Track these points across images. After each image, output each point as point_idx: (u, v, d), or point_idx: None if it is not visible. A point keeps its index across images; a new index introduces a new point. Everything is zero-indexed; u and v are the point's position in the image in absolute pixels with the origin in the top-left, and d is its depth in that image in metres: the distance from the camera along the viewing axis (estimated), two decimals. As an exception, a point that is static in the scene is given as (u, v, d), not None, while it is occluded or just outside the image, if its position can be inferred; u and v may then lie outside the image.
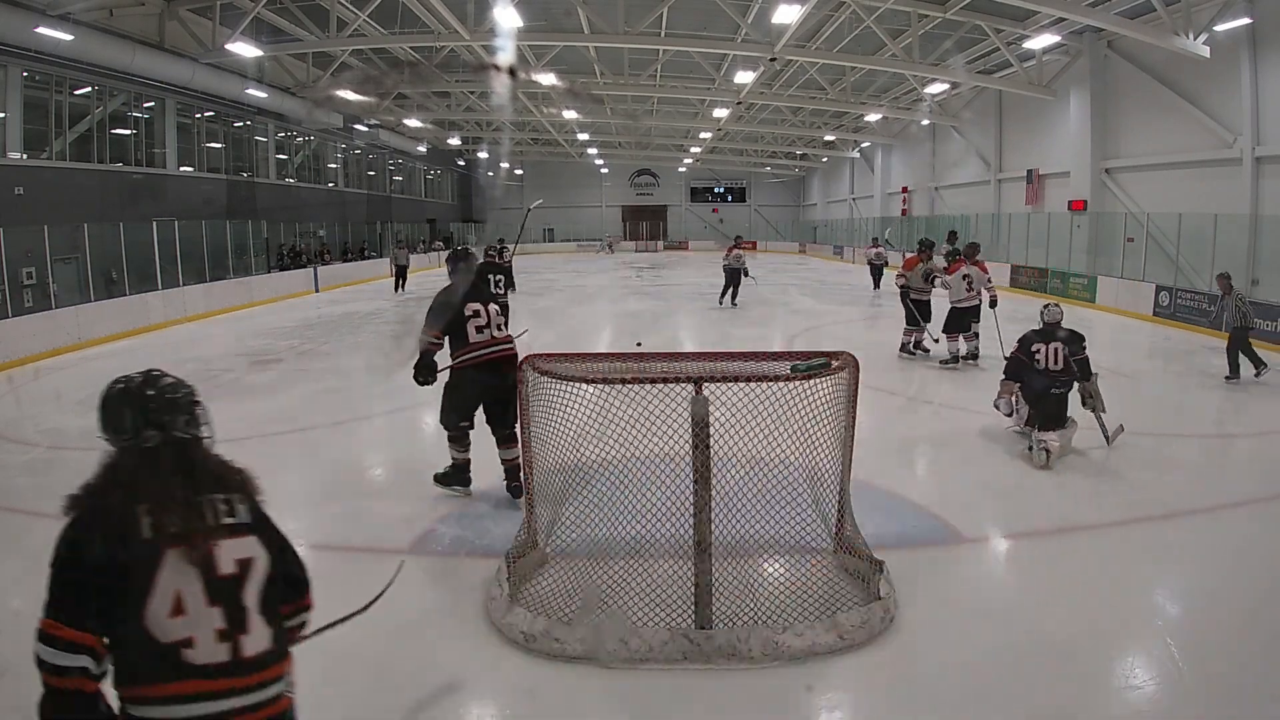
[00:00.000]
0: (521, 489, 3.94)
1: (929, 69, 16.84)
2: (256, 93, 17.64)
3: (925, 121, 22.85)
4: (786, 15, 12.78)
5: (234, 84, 16.95)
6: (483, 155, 35.98)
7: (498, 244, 10.92)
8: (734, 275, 14.10)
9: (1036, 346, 5.37)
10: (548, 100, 23.07)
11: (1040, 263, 17.02)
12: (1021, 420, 5.52)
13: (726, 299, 14.27)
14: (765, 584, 3.48)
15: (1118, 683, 2.85)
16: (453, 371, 4.37)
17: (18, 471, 5.44)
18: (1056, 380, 5.26)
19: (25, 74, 12.72)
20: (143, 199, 15.35)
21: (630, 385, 3.19)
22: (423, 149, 30.22)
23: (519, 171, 40.84)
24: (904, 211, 26.47)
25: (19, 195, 12.45)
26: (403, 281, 18.44)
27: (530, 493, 3.58)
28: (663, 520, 3.44)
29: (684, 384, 3.13)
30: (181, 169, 17.22)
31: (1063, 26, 14.75)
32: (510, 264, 15.35)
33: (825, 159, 34.63)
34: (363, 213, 27.06)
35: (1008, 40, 15.70)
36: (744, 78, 18.17)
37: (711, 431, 3.04)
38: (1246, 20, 11.83)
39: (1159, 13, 12.22)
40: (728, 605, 3.19)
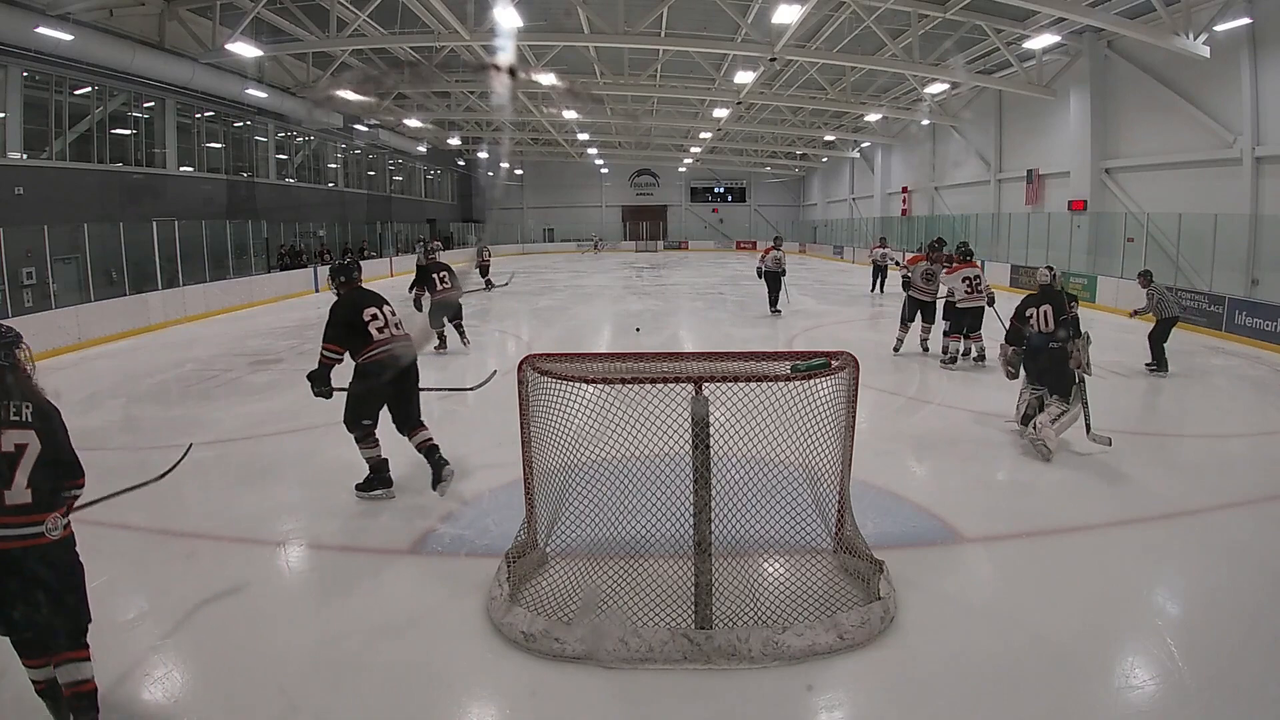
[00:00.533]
0: (443, 462, 4.56)
1: (929, 69, 16.84)
2: (256, 93, 17.63)
3: (925, 121, 22.85)
4: (786, 15, 12.78)
5: (234, 84, 16.95)
6: (483, 155, 35.99)
7: (433, 245, 11.39)
8: (775, 280, 13.00)
9: (1030, 310, 5.69)
10: (548, 100, 23.06)
11: (1040, 263, 16.93)
12: (1019, 413, 5.65)
13: (777, 303, 13.04)
14: (765, 584, 3.48)
15: (1117, 683, 2.85)
16: (358, 368, 4.58)
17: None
18: (1052, 337, 5.48)
19: (25, 74, 12.72)
20: (143, 199, 15.35)
21: (630, 385, 3.20)
22: (423, 149, 30.21)
23: (519, 171, 40.85)
24: (904, 211, 26.47)
25: (19, 195, 12.45)
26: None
27: (530, 493, 3.57)
28: (663, 520, 3.44)
29: (684, 384, 3.14)
30: (181, 169, 17.22)
31: (1063, 26, 14.75)
32: (488, 263, 16.93)
33: (825, 159, 34.63)
34: (363, 213, 27.05)
35: (1008, 40, 15.70)
36: (744, 78, 18.16)
37: (711, 431, 3.04)
38: (1246, 20, 11.83)
39: (1159, 13, 12.22)
40: (728, 605, 3.19)
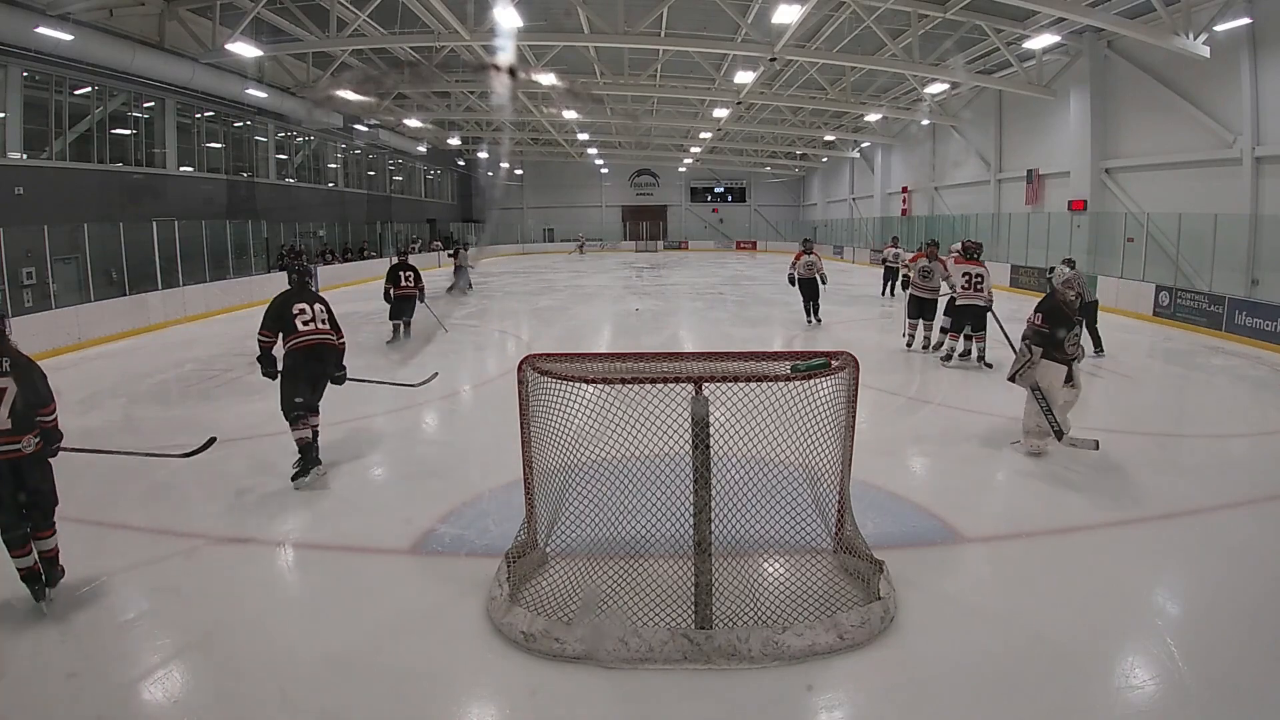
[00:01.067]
0: (316, 461, 5.14)
1: (929, 69, 16.84)
2: (256, 93, 17.63)
3: (925, 121, 22.85)
4: (786, 15, 12.78)
5: (234, 84, 16.95)
6: (483, 155, 35.99)
7: (405, 248, 12.77)
8: (811, 287, 11.70)
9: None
10: (548, 100, 23.06)
11: (1040, 263, 16.98)
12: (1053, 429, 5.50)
13: (816, 311, 11.86)
14: (765, 584, 3.48)
15: (1118, 683, 2.85)
16: (285, 357, 5.12)
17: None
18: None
19: (25, 74, 12.72)
20: (143, 199, 15.36)
21: (630, 385, 3.20)
22: (423, 149, 30.20)
23: (519, 171, 40.86)
24: (904, 212, 26.47)
25: (19, 195, 12.45)
26: (458, 284, 17.89)
27: (530, 493, 3.57)
28: (663, 520, 3.44)
29: (684, 384, 3.14)
30: (181, 169, 17.21)
31: (1063, 26, 14.75)
32: (463, 265, 18.12)
33: (825, 159, 34.63)
34: (363, 213, 27.06)
35: (1008, 40, 15.70)
36: (744, 78, 18.17)
37: (711, 431, 3.04)
38: (1246, 20, 11.83)
39: (1159, 13, 12.22)
40: (728, 605, 3.19)
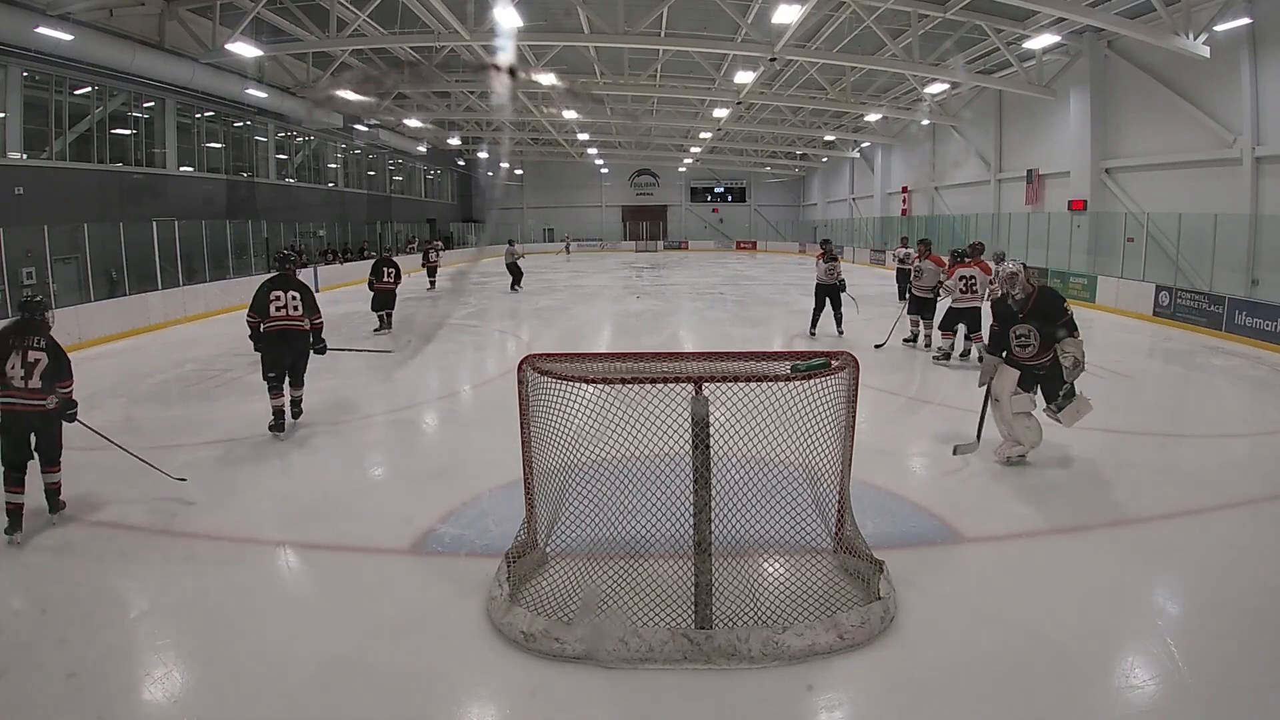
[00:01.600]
0: (300, 412, 6.32)
1: (929, 69, 16.84)
2: (256, 93, 17.63)
3: (925, 121, 22.85)
4: (786, 15, 12.78)
5: (234, 84, 16.94)
6: (483, 155, 35.99)
7: (385, 249, 13.83)
8: (831, 294, 10.33)
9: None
10: (548, 100, 23.07)
11: (1040, 263, 16.98)
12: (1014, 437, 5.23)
13: (821, 324, 10.57)
14: (765, 584, 3.48)
15: (1118, 683, 2.85)
16: (261, 338, 6.01)
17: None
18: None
19: (25, 74, 12.72)
20: (143, 199, 15.36)
21: (630, 385, 3.19)
22: (423, 149, 30.21)
23: (519, 171, 40.87)
24: (904, 212, 26.47)
25: (19, 195, 12.45)
26: (518, 280, 18.57)
27: (530, 493, 3.57)
28: (663, 520, 3.44)
29: (684, 384, 3.14)
30: (181, 169, 17.21)
31: (1063, 26, 14.74)
32: (436, 265, 19.67)
33: (825, 159, 34.63)
34: (363, 213, 27.06)
35: (1008, 40, 15.70)
36: (744, 78, 18.17)
37: (711, 431, 3.04)
38: (1246, 20, 11.82)
39: (1159, 13, 12.22)
40: (728, 605, 3.19)
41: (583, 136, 30.29)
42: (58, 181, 13.36)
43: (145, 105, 15.86)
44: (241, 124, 19.62)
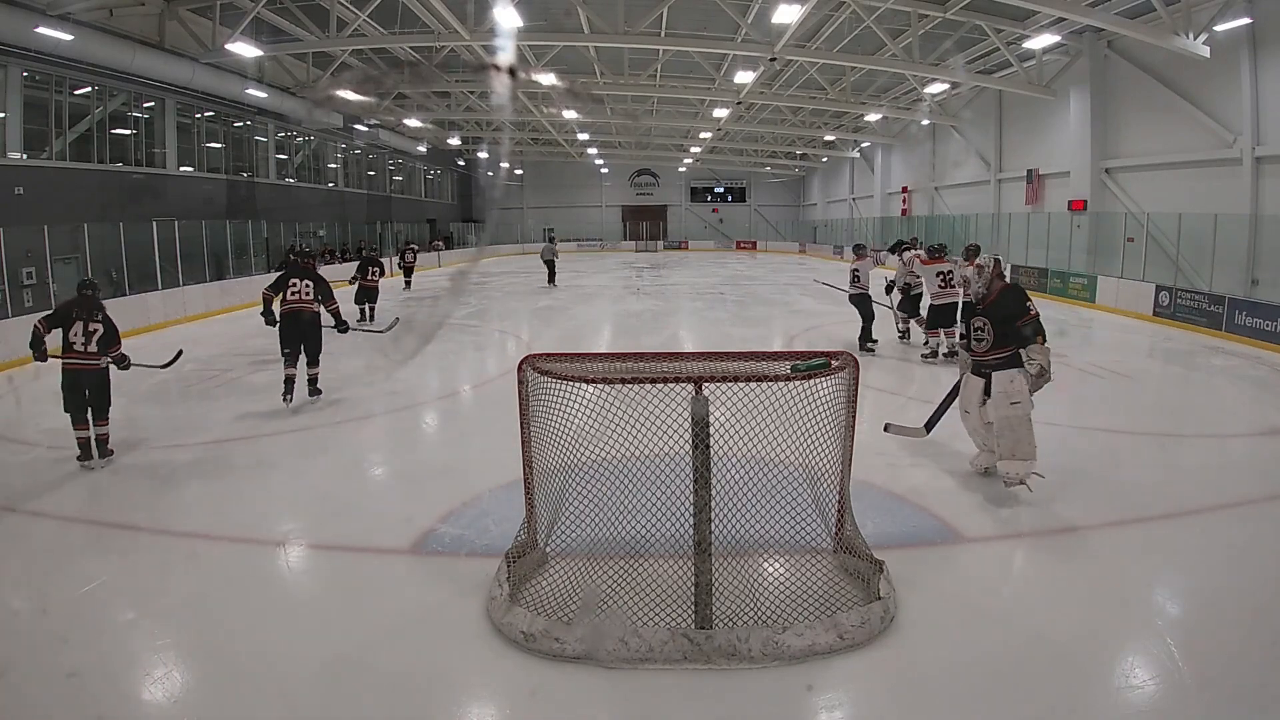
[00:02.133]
0: (317, 391, 7.22)
1: (929, 69, 16.83)
2: (256, 93, 17.62)
3: (925, 121, 22.84)
4: (786, 15, 12.78)
5: (234, 84, 16.94)
6: (483, 155, 35.96)
7: (368, 250, 14.88)
8: (867, 305, 9.45)
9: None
10: (548, 100, 23.07)
11: (1040, 263, 17.00)
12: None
13: (869, 335, 9.57)
14: (765, 584, 3.48)
15: (1118, 683, 2.85)
16: (280, 316, 6.96)
17: (18, 471, 5.44)
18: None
19: (25, 74, 12.72)
20: (143, 199, 15.35)
21: (630, 385, 3.19)
22: (423, 149, 30.19)
23: (519, 171, 40.86)
24: (904, 212, 26.47)
25: (19, 195, 12.45)
26: (552, 276, 19.74)
27: (530, 493, 3.57)
28: (663, 520, 3.44)
29: (684, 384, 3.13)
30: (181, 169, 17.21)
31: (1063, 26, 14.74)
32: (412, 265, 19.53)
33: (825, 159, 34.62)
34: (363, 213, 27.05)
35: (1008, 40, 15.70)
36: (744, 78, 18.16)
37: (711, 431, 3.04)
38: (1246, 20, 11.82)
39: (1159, 13, 12.22)
40: (728, 605, 3.19)
41: (583, 136, 30.28)
42: (58, 181, 13.35)
43: (145, 105, 15.85)
44: (241, 124, 19.62)
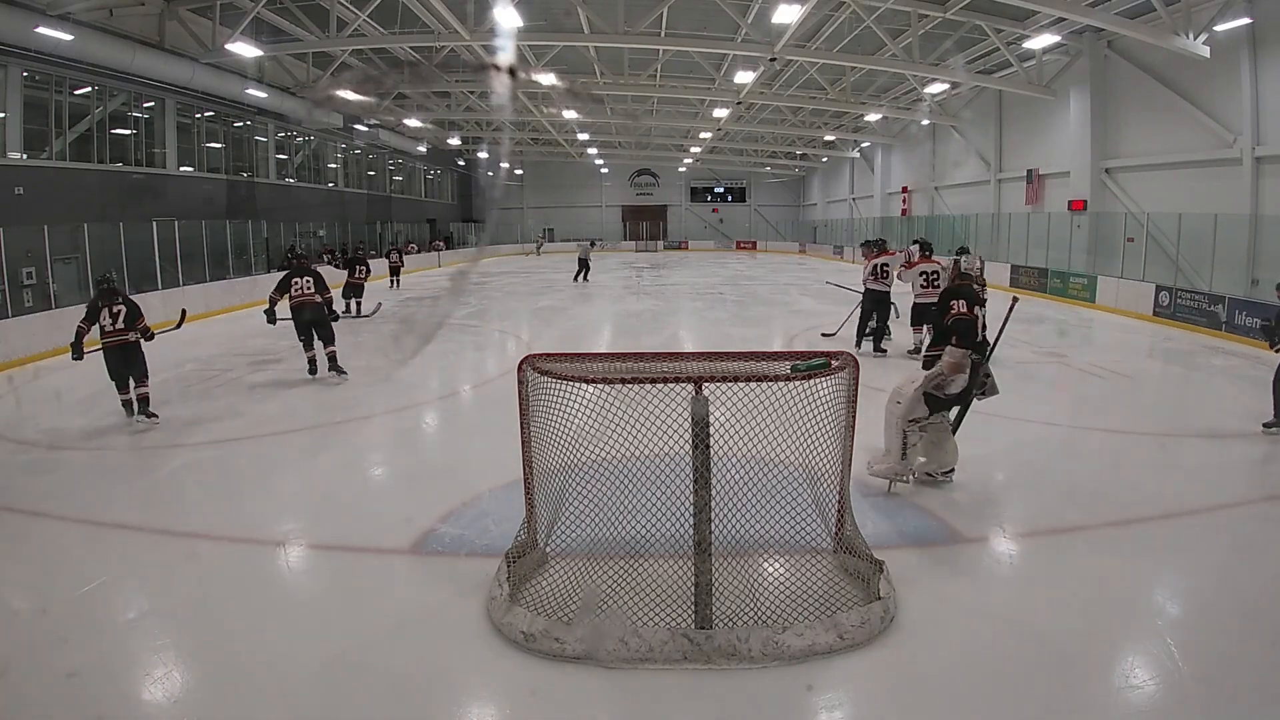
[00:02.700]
0: (340, 370, 8.18)
1: (929, 69, 16.83)
2: (256, 93, 17.62)
3: (925, 121, 22.84)
4: (786, 15, 12.77)
5: (234, 84, 16.94)
6: (483, 155, 35.96)
7: (356, 251, 16.66)
8: (887, 304, 9.10)
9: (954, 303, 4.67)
10: (548, 100, 23.06)
11: (1040, 263, 17.01)
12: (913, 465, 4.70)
13: (878, 338, 9.15)
14: (765, 584, 3.48)
15: (1118, 683, 2.85)
16: (290, 309, 8.06)
17: (18, 471, 5.44)
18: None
19: (25, 74, 12.72)
20: (143, 199, 15.35)
21: (630, 385, 3.19)
22: (423, 149, 30.18)
23: (519, 171, 40.86)
24: (904, 212, 26.47)
25: (19, 195, 12.44)
26: (584, 273, 20.69)
27: (530, 493, 3.57)
28: (663, 520, 3.44)
29: (684, 384, 3.13)
30: (181, 169, 17.21)
31: (1063, 26, 14.74)
32: (399, 266, 20.15)
33: (825, 159, 34.62)
34: (363, 213, 27.05)
35: (1008, 40, 15.70)
36: (744, 78, 18.16)
37: (711, 431, 3.04)
38: (1246, 20, 11.82)
39: (1159, 13, 12.22)
40: (728, 605, 3.19)
41: (583, 136, 30.28)
42: (58, 181, 13.35)
43: (145, 105, 15.85)
44: (241, 124, 19.61)
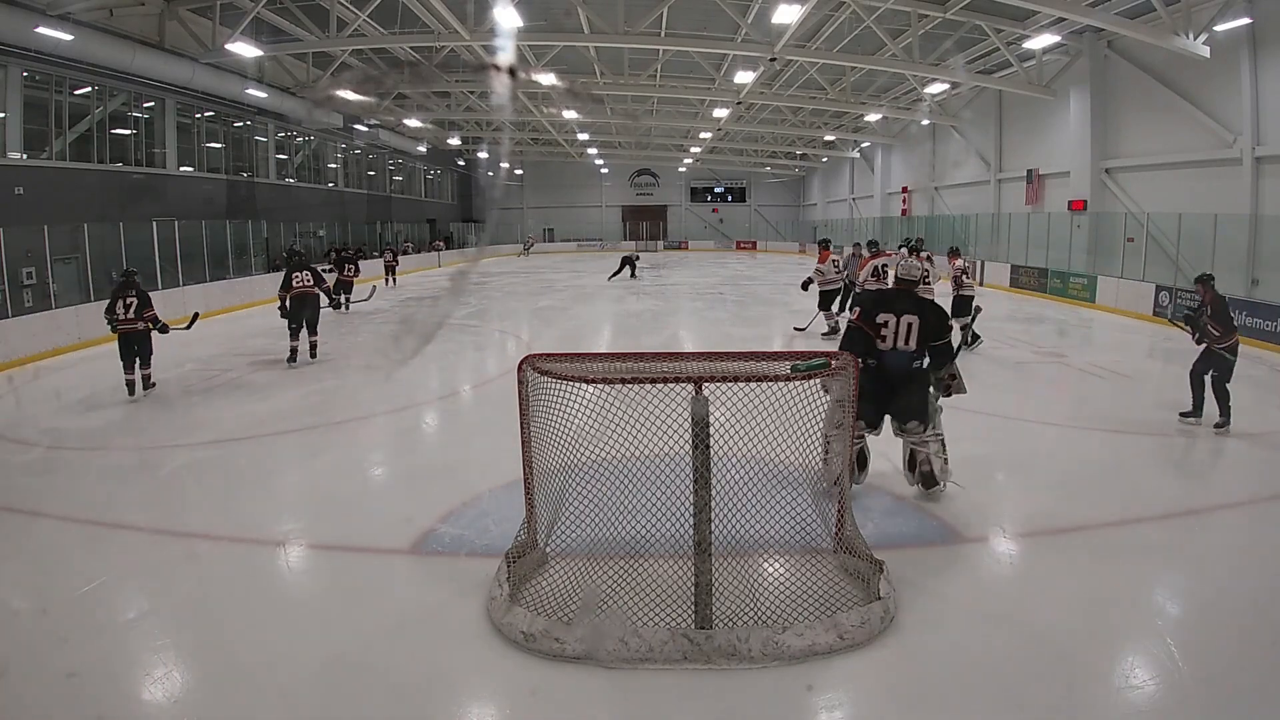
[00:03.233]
0: (316, 355, 9.23)
1: (929, 69, 16.83)
2: (256, 93, 17.62)
3: (925, 121, 22.84)
4: (786, 15, 12.77)
5: (234, 84, 16.94)
6: (483, 155, 35.96)
7: (345, 251, 17.64)
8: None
9: (885, 318, 4.24)
10: (548, 100, 23.05)
11: (1040, 263, 17.01)
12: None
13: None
14: (765, 584, 3.48)
15: (1118, 683, 2.85)
16: (289, 299, 8.99)
17: (18, 471, 5.44)
18: (916, 355, 4.25)
19: (25, 74, 12.72)
20: (143, 199, 15.35)
21: (630, 385, 3.19)
22: (423, 149, 30.18)
23: (519, 171, 40.85)
24: (904, 212, 26.47)
25: (19, 195, 12.45)
26: (622, 270, 21.45)
27: (530, 493, 3.57)
28: (663, 520, 3.44)
29: (684, 384, 3.13)
30: (181, 169, 17.21)
31: (1063, 26, 14.74)
32: (392, 265, 20.72)
33: (825, 159, 34.62)
34: (363, 213, 27.05)
35: (1008, 40, 15.69)
36: (744, 78, 18.15)
37: (711, 431, 3.04)
38: (1246, 20, 11.82)
39: (1159, 13, 12.21)
40: (728, 605, 3.19)
41: (583, 136, 30.27)
42: (58, 181, 13.36)
43: (145, 105, 15.85)
44: (241, 124, 19.62)
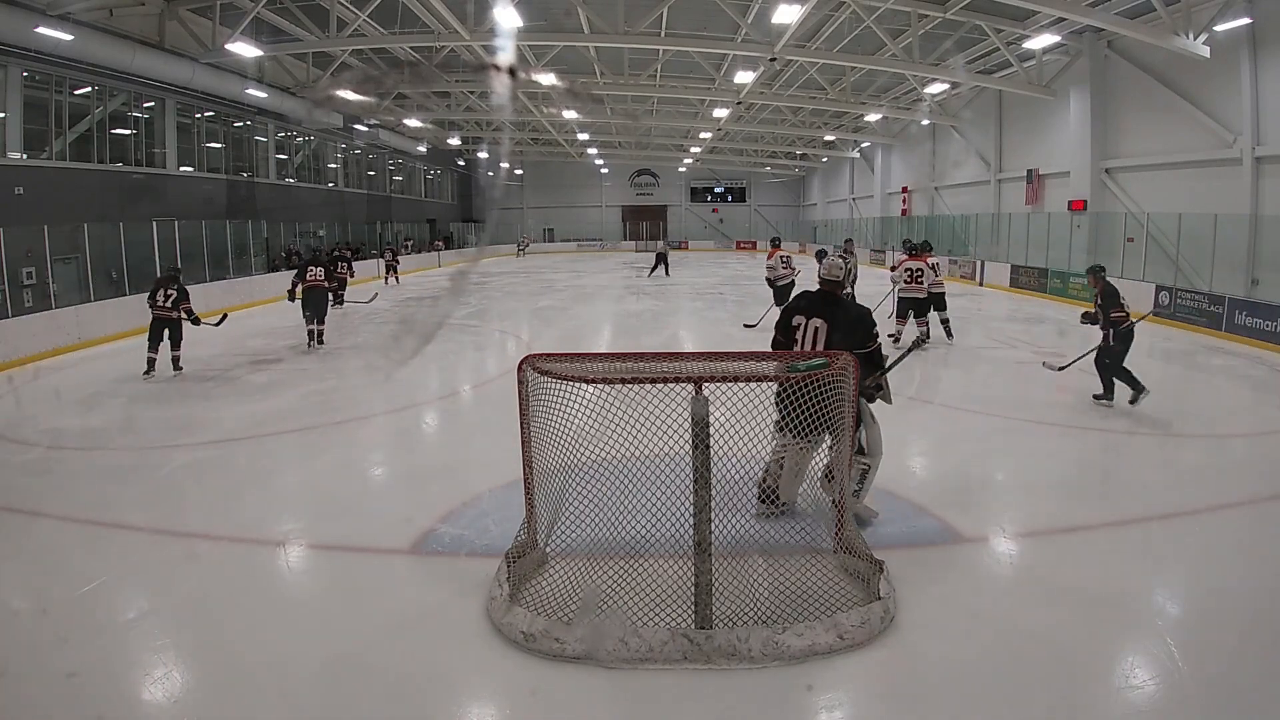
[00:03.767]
0: (320, 340, 10.23)
1: (929, 69, 16.83)
2: (256, 93, 17.62)
3: (925, 121, 22.83)
4: (786, 15, 12.77)
5: (234, 84, 16.94)
6: (483, 155, 35.96)
7: (335, 250, 17.96)
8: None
9: (797, 320, 3.98)
10: (548, 100, 23.05)
11: (1040, 263, 17.01)
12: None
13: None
14: (765, 584, 3.47)
15: (1117, 683, 2.84)
16: (303, 290, 10.15)
17: (18, 471, 5.44)
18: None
19: (25, 74, 12.72)
20: (143, 199, 15.35)
21: (630, 385, 3.19)
22: (423, 149, 30.18)
23: (519, 171, 40.85)
24: (904, 212, 26.47)
25: (19, 195, 12.44)
26: (657, 267, 21.99)
27: (530, 493, 3.57)
28: (662, 520, 3.44)
29: (684, 384, 3.13)
30: (181, 169, 17.21)
31: (1063, 26, 14.74)
32: (393, 265, 21.69)
33: (825, 159, 34.61)
34: (363, 213, 27.05)
35: (1008, 40, 15.69)
36: (744, 78, 18.15)
37: (711, 431, 3.04)
38: (1246, 20, 11.82)
39: (1159, 13, 12.21)
40: (728, 605, 3.19)
41: (583, 136, 30.27)
42: (58, 181, 13.36)
43: (145, 105, 15.85)
44: (241, 124, 19.62)
